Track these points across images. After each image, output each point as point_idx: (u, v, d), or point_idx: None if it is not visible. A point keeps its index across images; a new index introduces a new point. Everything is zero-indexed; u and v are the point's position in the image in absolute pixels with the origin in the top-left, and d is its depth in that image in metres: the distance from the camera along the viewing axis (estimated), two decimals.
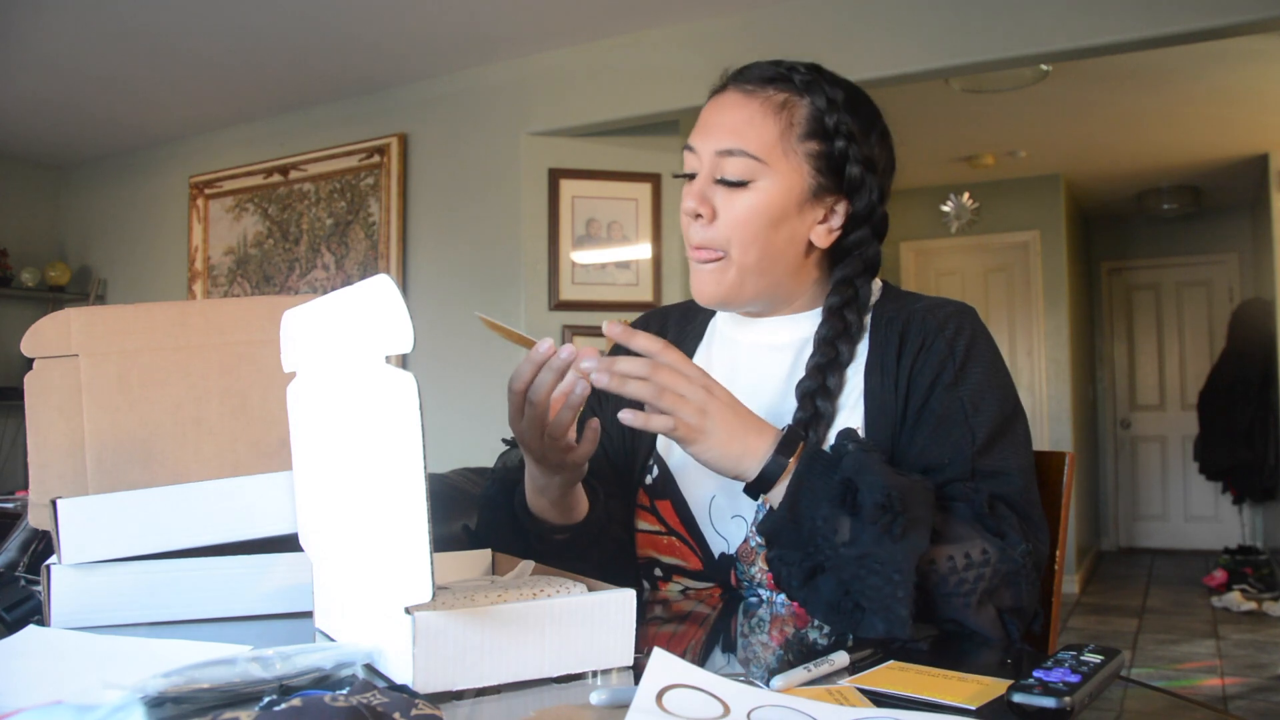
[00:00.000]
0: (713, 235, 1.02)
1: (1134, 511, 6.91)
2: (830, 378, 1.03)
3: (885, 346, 1.04)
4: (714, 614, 1.00)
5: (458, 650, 0.66)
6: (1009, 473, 0.96)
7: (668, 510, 1.10)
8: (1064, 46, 2.85)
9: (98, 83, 3.85)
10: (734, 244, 1.02)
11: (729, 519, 1.06)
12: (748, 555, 1.04)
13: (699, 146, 1.04)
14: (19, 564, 1.06)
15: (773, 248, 1.03)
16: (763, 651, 0.89)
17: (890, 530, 0.82)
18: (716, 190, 1.03)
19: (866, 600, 0.83)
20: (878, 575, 0.82)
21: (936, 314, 1.05)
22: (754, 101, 1.03)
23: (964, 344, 1.02)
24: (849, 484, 0.86)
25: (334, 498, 0.76)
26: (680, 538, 1.09)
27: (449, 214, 3.83)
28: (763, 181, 1.01)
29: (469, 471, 2.37)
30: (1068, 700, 0.61)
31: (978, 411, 0.98)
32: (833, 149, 1.04)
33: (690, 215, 1.03)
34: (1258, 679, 3.69)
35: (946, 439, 0.97)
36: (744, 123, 1.02)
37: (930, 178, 5.73)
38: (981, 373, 1.01)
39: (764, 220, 1.02)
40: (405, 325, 0.62)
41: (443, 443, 3.41)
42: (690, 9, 3.24)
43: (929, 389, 1.00)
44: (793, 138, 1.02)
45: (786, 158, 1.02)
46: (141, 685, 0.55)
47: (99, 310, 1.03)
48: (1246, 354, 5.61)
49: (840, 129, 1.04)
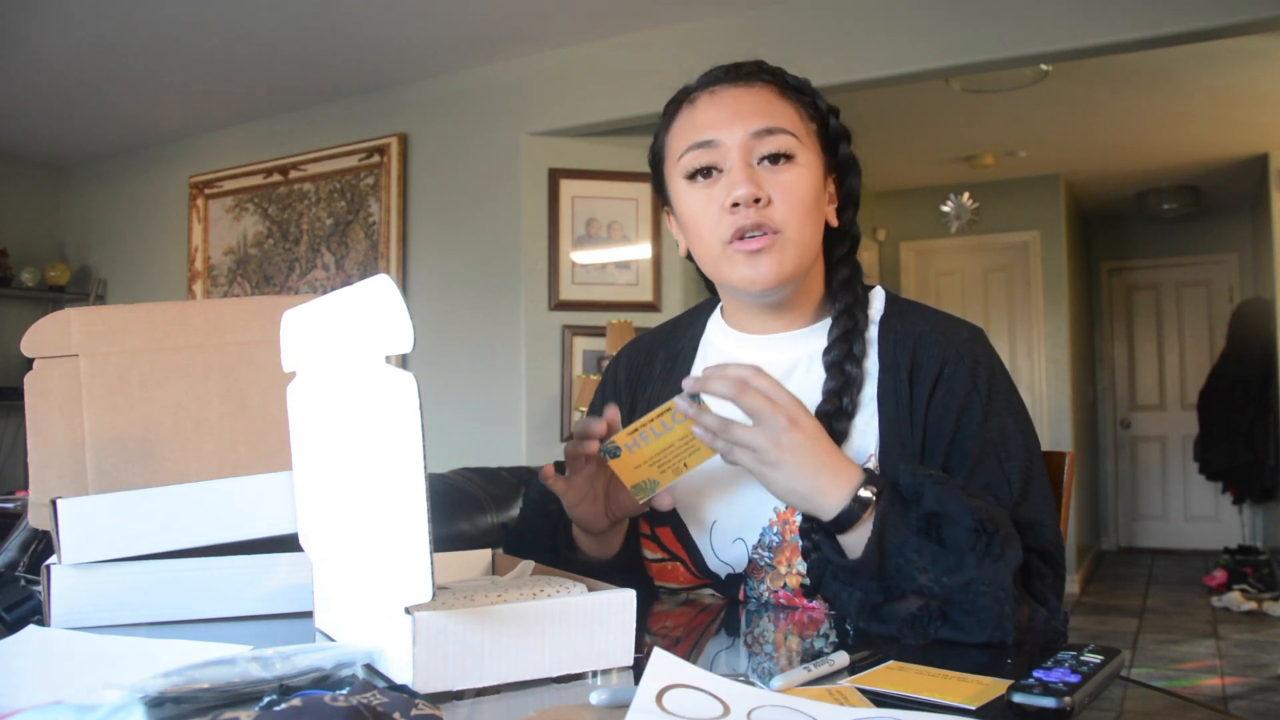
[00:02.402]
0: (767, 216, 0.99)
1: (1134, 511, 6.90)
2: (855, 343, 1.03)
3: (896, 369, 1.02)
4: (714, 615, 1.00)
5: (458, 650, 0.66)
6: (1043, 523, 0.96)
7: (668, 536, 1.09)
8: (1064, 46, 2.85)
9: (98, 83, 3.85)
10: (790, 222, 0.99)
11: (731, 542, 1.05)
12: (757, 573, 1.03)
13: (722, 136, 1.00)
14: (19, 564, 1.06)
15: (815, 225, 1.03)
16: (763, 651, 0.89)
17: (990, 551, 0.84)
18: (761, 172, 1.00)
19: (978, 619, 0.84)
20: (986, 596, 0.83)
21: (951, 339, 1.03)
22: (760, 90, 1.03)
23: (985, 376, 1.00)
24: (933, 517, 0.87)
25: (334, 498, 0.76)
26: (682, 562, 1.08)
27: (449, 214, 3.83)
28: (802, 157, 1.01)
29: (469, 471, 2.37)
30: (1068, 700, 0.61)
31: (1010, 456, 0.97)
32: (828, 130, 1.06)
33: (747, 202, 0.98)
34: (1258, 679, 3.69)
35: (982, 484, 0.96)
36: (767, 103, 1.01)
37: (930, 178, 5.73)
38: (1006, 409, 1.00)
39: (811, 195, 1.01)
40: (405, 325, 0.62)
41: (443, 443, 3.42)
42: (690, 9, 3.24)
43: (955, 425, 0.99)
44: (805, 118, 1.04)
45: (809, 137, 1.03)
46: (141, 685, 0.55)
47: (99, 310, 1.03)
48: (1246, 354, 5.61)
49: (831, 109, 1.07)
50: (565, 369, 3.56)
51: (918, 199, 5.86)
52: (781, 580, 1.01)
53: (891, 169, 5.56)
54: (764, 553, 1.03)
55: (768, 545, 1.02)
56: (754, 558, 1.03)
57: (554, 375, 3.56)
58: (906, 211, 5.95)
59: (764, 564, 1.03)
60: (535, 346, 3.57)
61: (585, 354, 3.57)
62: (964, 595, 0.83)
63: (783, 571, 1.01)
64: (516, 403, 3.57)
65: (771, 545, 1.02)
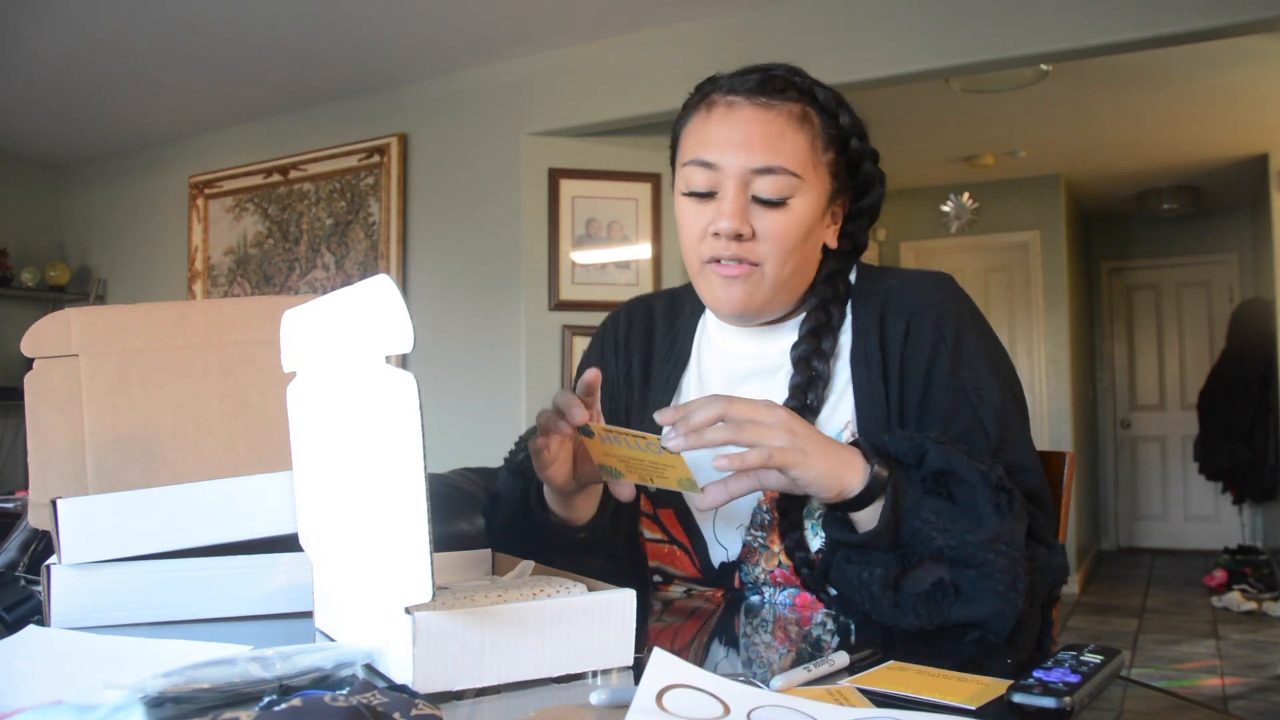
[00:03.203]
0: (749, 250, 0.99)
1: (1134, 511, 6.90)
2: (824, 340, 1.03)
3: (867, 333, 1.03)
4: (714, 614, 1.00)
5: (458, 650, 0.66)
6: (1025, 467, 0.96)
7: (670, 519, 1.09)
8: (1064, 46, 2.85)
9: (97, 83, 3.85)
10: (771, 259, 1.00)
11: (733, 528, 1.05)
12: (750, 556, 1.04)
13: (725, 163, 0.99)
14: (19, 564, 1.06)
15: (803, 259, 1.03)
16: (763, 651, 0.89)
17: (1011, 508, 0.84)
18: (753, 208, 0.99)
19: (992, 585, 0.82)
20: (1005, 556, 0.82)
21: (915, 290, 1.04)
22: (778, 115, 1.00)
23: (951, 324, 1.00)
24: (941, 476, 0.86)
25: (334, 498, 0.76)
26: (681, 546, 1.08)
27: (449, 214, 3.83)
28: (800, 197, 0.99)
29: (469, 471, 2.37)
30: (1068, 700, 0.61)
31: (983, 402, 0.97)
32: (849, 152, 1.05)
33: (729, 236, 0.98)
34: (1258, 679, 3.69)
35: (957, 434, 0.95)
36: (777, 137, 0.99)
37: (930, 178, 5.73)
38: (978, 353, 1.00)
39: (801, 235, 1.00)
40: (405, 325, 0.62)
41: (443, 443, 3.41)
42: (690, 9, 3.24)
43: (925, 378, 0.99)
44: (818, 149, 1.02)
45: (815, 170, 1.01)
46: (141, 685, 0.55)
47: (99, 310, 1.03)
48: (1246, 354, 5.61)
49: (855, 129, 1.05)
50: (565, 369, 3.56)
51: (918, 199, 5.86)
52: (776, 559, 1.02)
53: (891, 169, 5.44)
54: (757, 533, 1.03)
55: (760, 525, 1.03)
56: (748, 540, 1.04)
57: (554, 375, 3.56)
58: (906, 211, 5.94)
59: (757, 545, 1.03)
60: (535, 346, 3.57)
61: None
62: (985, 554, 0.82)
63: (775, 550, 1.02)
64: (516, 403, 3.57)
65: (764, 524, 1.03)
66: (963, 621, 0.85)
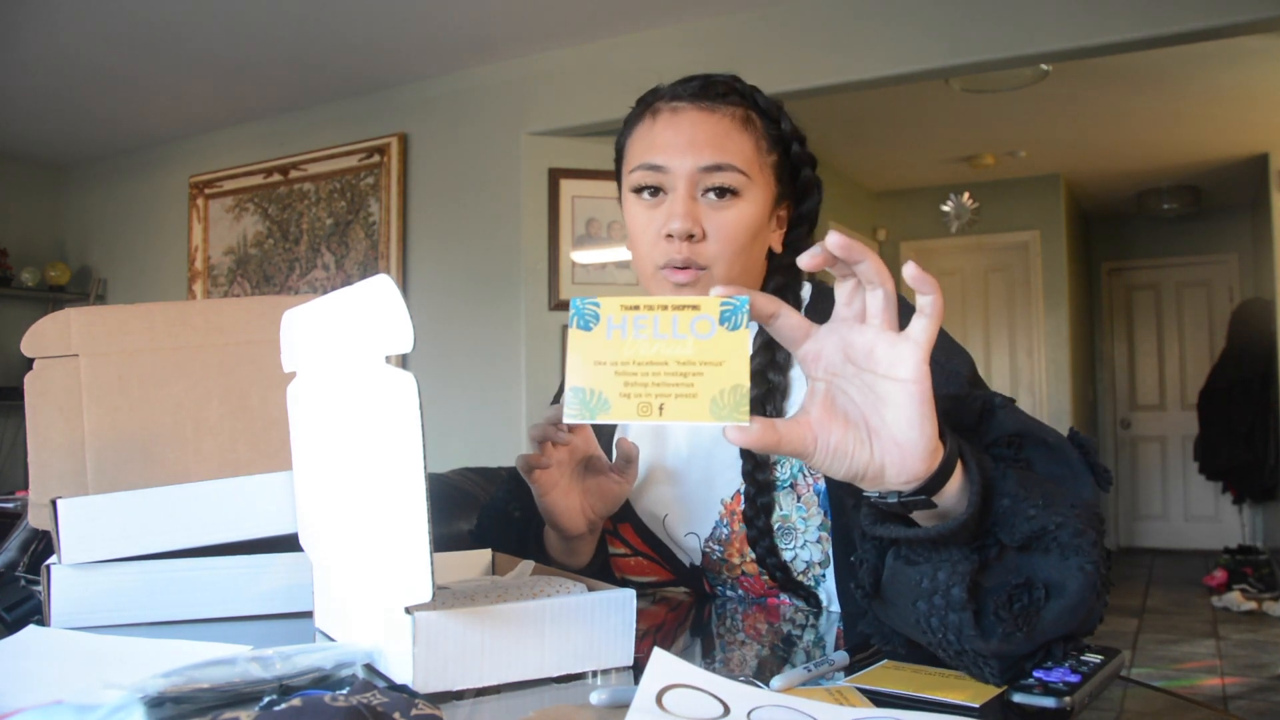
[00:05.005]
0: (699, 252, 0.99)
1: (1134, 511, 6.90)
2: (779, 352, 1.02)
3: None
4: (713, 614, 1.00)
5: (458, 650, 0.66)
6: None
7: (629, 532, 1.09)
8: (1064, 46, 2.85)
9: (98, 82, 3.85)
10: (720, 260, 1.00)
11: (684, 536, 1.05)
12: (712, 567, 1.04)
13: (673, 164, 1.00)
14: (19, 564, 1.06)
15: (750, 261, 1.03)
16: (763, 651, 0.89)
17: (1109, 475, 0.76)
18: (701, 207, 1.00)
19: (1081, 566, 0.67)
20: (1095, 530, 0.68)
21: None
22: (722, 117, 1.01)
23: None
24: (1015, 439, 0.74)
25: (334, 498, 0.76)
26: (646, 556, 1.08)
27: (449, 214, 3.83)
28: (748, 195, 1.00)
29: (469, 471, 2.37)
30: (1068, 700, 0.61)
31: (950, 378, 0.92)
32: (789, 156, 1.06)
33: (681, 236, 0.98)
34: (1258, 679, 3.69)
35: None
36: (723, 137, 1.00)
37: (930, 178, 5.73)
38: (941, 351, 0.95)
39: (749, 234, 1.01)
40: (405, 325, 0.62)
41: (443, 443, 3.41)
42: (690, 9, 3.24)
43: None
44: (763, 150, 1.03)
45: (761, 171, 1.02)
46: (141, 685, 0.55)
47: (99, 310, 1.03)
48: (1246, 354, 5.61)
49: (795, 135, 1.06)
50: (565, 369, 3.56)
51: (918, 199, 5.86)
52: (738, 570, 1.02)
53: (891, 169, 5.56)
54: (715, 546, 1.03)
55: (718, 539, 1.03)
56: (706, 551, 1.04)
57: (554, 375, 3.56)
58: (906, 211, 5.95)
59: (716, 558, 1.03)
60: (535, 346, 3.57)
61: None
62: (1077, 526, 0.68)
63: (736, 563, 1.02)
64: (516, 403, 3.57)
65: (721, 539, 1.03)
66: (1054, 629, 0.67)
